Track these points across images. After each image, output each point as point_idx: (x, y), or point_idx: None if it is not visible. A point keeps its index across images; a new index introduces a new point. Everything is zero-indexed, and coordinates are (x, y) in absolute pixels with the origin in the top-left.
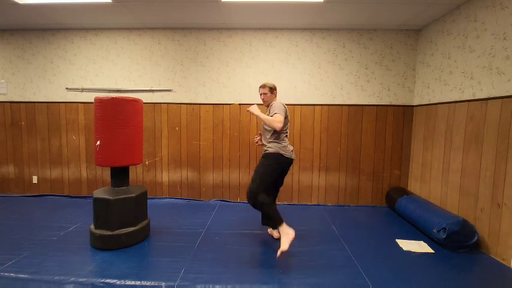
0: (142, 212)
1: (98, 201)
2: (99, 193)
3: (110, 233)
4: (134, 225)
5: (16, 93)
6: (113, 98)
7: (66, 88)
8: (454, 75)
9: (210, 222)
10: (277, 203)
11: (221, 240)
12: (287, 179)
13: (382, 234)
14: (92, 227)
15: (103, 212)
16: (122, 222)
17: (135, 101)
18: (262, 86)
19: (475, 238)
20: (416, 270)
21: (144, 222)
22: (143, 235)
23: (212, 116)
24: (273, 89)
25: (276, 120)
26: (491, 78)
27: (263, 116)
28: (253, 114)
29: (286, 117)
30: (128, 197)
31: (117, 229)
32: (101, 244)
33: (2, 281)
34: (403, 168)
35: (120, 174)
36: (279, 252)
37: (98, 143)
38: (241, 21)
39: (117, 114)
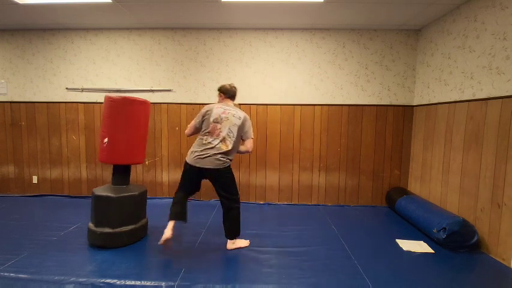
0: (142, 212)
1: (99, 199)
2: (100, 191)
3: (110, 230)
4: (135, 223)
5: (16, 93)
6: (124, 98)
7: (66, 88)
8: (454, 75)
9: (210, 222)
10: (277, 203)
11: (221, 240)
12: (287, 179)
13: (382, 234)
14: (91, 225)
15: (104, 209)
16: (123, 220)
17: (145, 103)
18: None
19: (475, 238)
20: (416, 270)
21: (143, 221)
22: (143, 234)
23: None
24: (219, 91)
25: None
26: (491, 78)
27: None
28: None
29: (202, 121)
30: (129, 195)
31: (118, 227)
32: (101, 242)
33: (2, 281)
34: (403, 168)
35: (122, 172)
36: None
37: (106, 140)
38: (241, 21)
39: (127, 114)
